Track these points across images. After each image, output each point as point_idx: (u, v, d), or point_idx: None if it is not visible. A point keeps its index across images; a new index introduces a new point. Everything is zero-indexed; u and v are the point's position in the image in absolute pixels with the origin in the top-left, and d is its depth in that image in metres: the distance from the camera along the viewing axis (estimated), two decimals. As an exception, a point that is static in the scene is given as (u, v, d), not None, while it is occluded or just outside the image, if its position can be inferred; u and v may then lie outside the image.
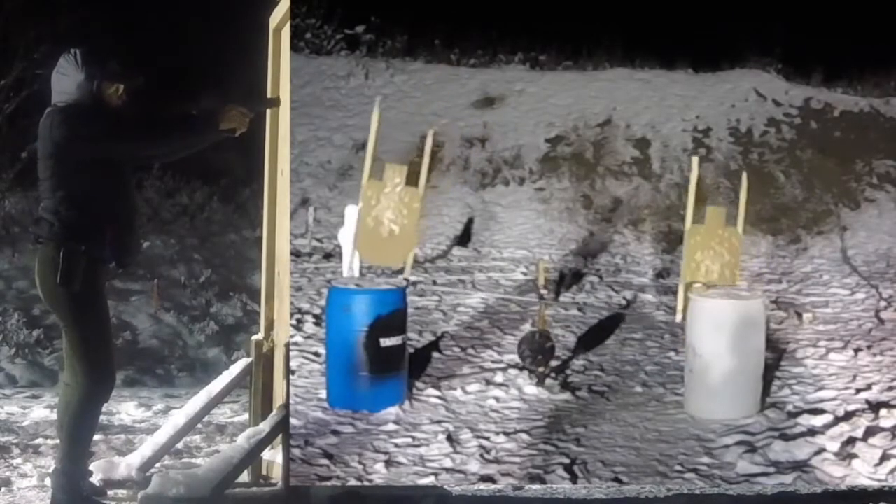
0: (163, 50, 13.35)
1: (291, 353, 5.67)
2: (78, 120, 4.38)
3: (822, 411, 5.67)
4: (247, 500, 4.98)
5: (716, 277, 7.23)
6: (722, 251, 7.30)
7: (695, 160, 7.83)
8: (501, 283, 9.90)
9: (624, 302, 9.18)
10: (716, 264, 7.29)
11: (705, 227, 7.40)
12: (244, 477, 5.06)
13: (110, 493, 4.86)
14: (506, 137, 13.84)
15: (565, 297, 9.23)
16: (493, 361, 6.86)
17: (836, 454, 5.05)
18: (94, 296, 4.46)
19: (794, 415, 5.66)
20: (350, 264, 8.06)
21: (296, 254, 10.51)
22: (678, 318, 7.25)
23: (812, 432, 5.34)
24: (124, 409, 7.96)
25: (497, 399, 6.01)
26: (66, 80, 4.43)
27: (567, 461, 4.97)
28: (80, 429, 4.48)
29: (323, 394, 5.87)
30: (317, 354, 6.75)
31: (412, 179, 6.99)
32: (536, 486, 4.84)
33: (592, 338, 7.67)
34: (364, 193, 6.64)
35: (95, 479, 4.79)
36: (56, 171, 4.39)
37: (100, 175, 4.39)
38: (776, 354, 6.97)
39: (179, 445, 5.82)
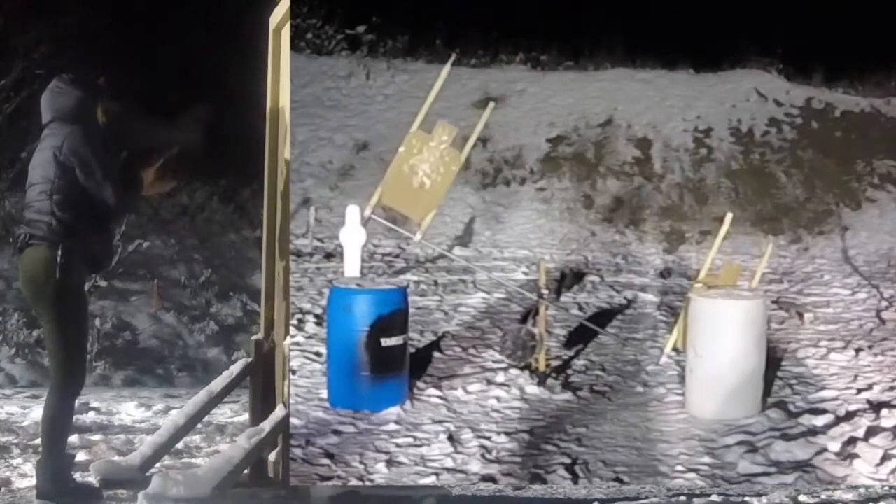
0: (162, 50, 13.34)
1: (292, 353, 5.67)
2: (94, 139, 4.56)
3: (823, 411, 5.67)
4: (247, 500, 4.97)
5: None
6: None
7: (728, 216, 7.13)
8: (502, 282, 9.88)
9: (625, 302, 9.17)
10: None
11: (720, 281, 6.74)
12: (244, 477, 5.05)
13: (110, 493, 4.85)
14: (507, 137, 13.82)
15: (566, 297, 9.22)
16: (494, 361, 6.85)
17: (837, 454, 5.05)
18: (80, 295, 4.64)
19: (795, 415, 5.66)
20: (352, 264, 8.06)
21: (296, 254, 10.50)
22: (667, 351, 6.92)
23: (813, 432, 5.34)
24: (124, 409, 7.93)
25: (498, 399, 6.01)
26: (65, 99, 4.59)
27: (568, 461, 4.96)
28: (59, 424, 4.61)
29: (324, 393, 5.86)
30: (318, 354, 6.75)
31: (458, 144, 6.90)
32: (537, 486, 4.84)
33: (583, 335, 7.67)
34: (409, 140, 6.58)
35: (95, 480, 4.80)
36: (56, 177, 4.53)
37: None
38: (777, 354, 6.97)
39: (179, 445, 5.80)
